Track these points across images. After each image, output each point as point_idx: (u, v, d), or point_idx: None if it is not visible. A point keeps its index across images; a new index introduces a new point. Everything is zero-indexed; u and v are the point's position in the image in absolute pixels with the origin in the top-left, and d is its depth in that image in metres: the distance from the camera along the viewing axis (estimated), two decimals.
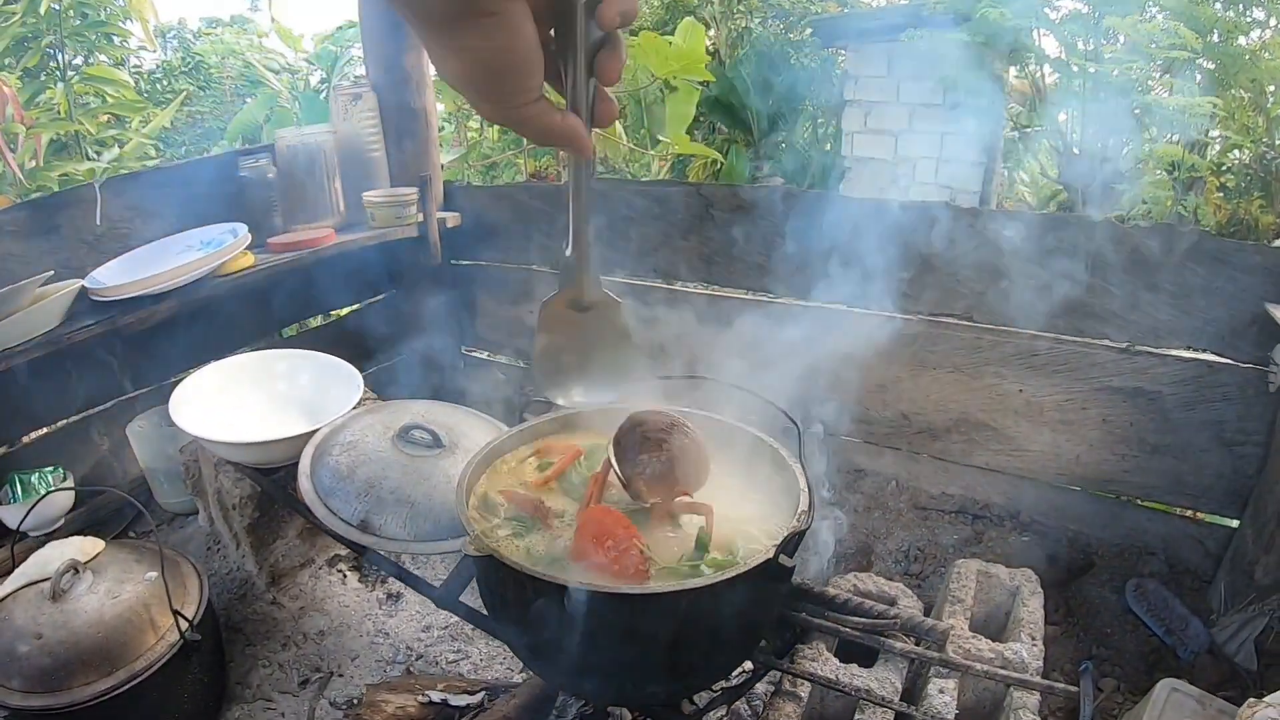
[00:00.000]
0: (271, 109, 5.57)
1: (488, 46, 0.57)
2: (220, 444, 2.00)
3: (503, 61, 0.59)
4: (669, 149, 6.09)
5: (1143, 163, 6.01)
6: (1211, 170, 6.03)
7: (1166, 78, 5.84)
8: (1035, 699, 1.43)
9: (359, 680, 1.97)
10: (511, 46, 0.58)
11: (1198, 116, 5.07)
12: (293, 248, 2.48)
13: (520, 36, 0.58)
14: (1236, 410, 1.99)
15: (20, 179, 3.54)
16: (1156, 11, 5.71)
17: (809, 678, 1.45)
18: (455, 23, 0.56)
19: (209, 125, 6.28)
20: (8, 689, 1.61)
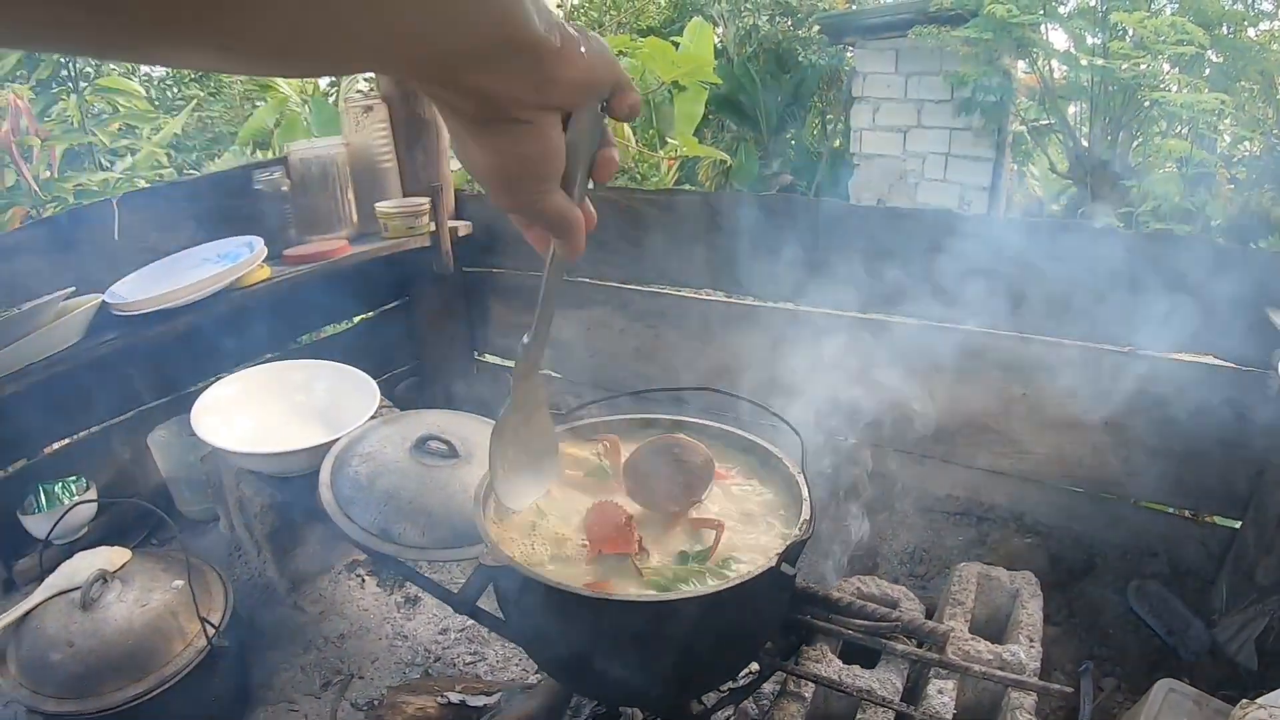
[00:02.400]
0: (281, 114, 5.64)
1: (517, 151, 0.61)
2: (241, 454, 2.08)
3: (530, 164, 0.63)
4: (677, 150, 6.15)
5: (1151, 157, 6.04)
6: (1221, 163, 6.05)
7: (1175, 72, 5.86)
8: (1032, 699, 1.49)
9: (379, 682, 2.04)
10: (540, 151, 0.62)
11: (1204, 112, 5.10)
12: (308, 259, 2.55)
13: (549, 142, 0.62)
14: (1237, 413, 2.03)
15: (35, 190, 3.63)
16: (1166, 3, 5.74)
17: (813, 679, 1.51)
18: (490, 125, 0.59)
19: (219, 131, 6.34)
20: (41, 695, 1.68)
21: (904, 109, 7.38)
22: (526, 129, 0.60)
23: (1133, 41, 5.61)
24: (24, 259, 2.33)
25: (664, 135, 6.45)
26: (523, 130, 0.60)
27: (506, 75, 0.55)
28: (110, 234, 2.47)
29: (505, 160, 0.62)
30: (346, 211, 2.78)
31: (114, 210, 2.47)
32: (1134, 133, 6.14)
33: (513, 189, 0.66)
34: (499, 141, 0.61)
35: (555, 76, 0.57)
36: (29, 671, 1.71)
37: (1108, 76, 5.67)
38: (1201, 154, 5.64)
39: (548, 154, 0.63)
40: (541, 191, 0.66)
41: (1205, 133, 5.87)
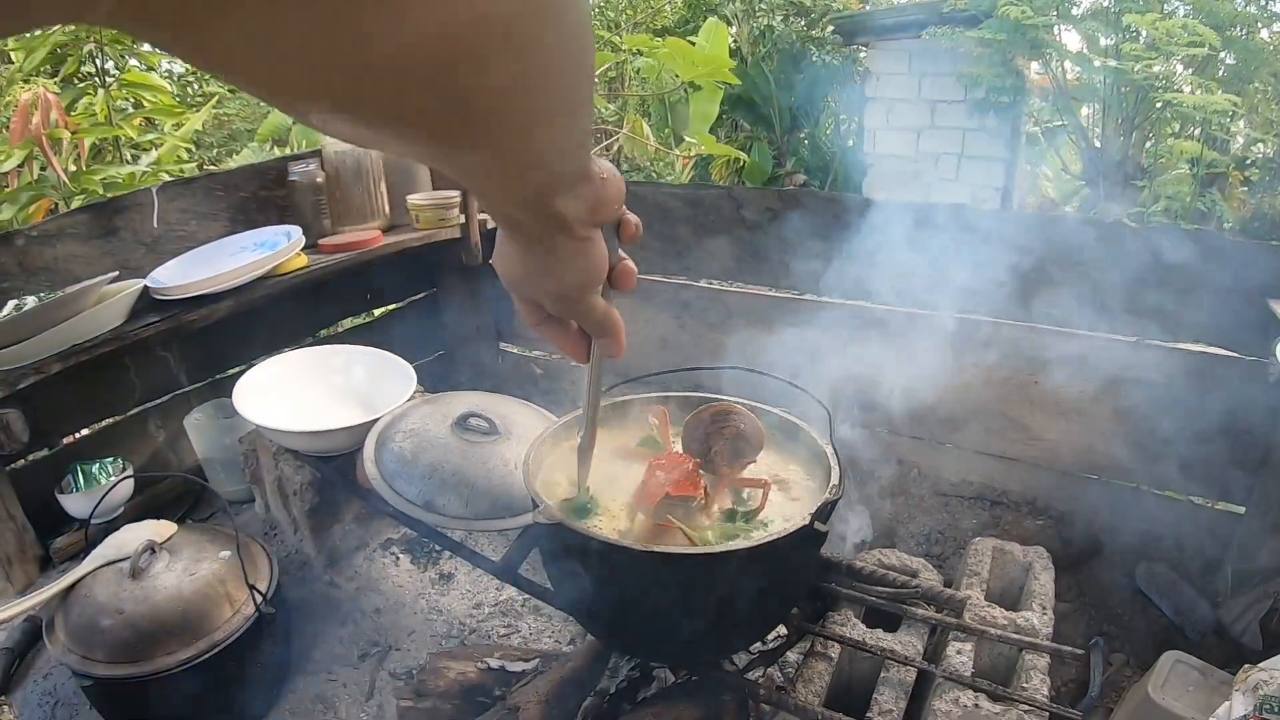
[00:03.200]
0: None
1: (577, 264, 0.70)
2: (283, 433, 2.18)
3: (586, 274, 0.71)
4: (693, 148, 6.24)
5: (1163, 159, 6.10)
6: (1234, 165, 6.11)
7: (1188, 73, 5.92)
8: (1045, 661, 1.60)
9: (416, 653, 2.15)
10: (596, 263, 0.71)
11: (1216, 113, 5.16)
12: (343, 249, 2.66)
13: (602, 251, 0.71)
14: (1241, 402, 2.11)
15: (65, 182, 3.73)
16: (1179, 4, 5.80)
17: (839, 640, 1.63)
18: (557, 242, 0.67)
19: (236, 128, 6.44)
20: (92, 660, 1.75)
21: (917, 109, 7.44)
22: (584, 244, 0.69)
23: (1145, 43, 5.68)
24: (66, 245, 2.42)
25: (679, 134, 6.55)
26: (581, 245, 0.68)
27: (577, 200, 0.64)
28: (150, 222, 2.57)
29: (566, 273, 0.70)
30: (379, 203, 2.89)
31: (154, 199, 2.57)
32: (1146, 134, 6.20)
33: (569, 297, 0.73)
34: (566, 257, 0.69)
35: (603, 197, 0.66)
36: (78, 637, 1.78)
37: (1120, 78, 5.73)
38: (1213, 155, 5.71)
39: (600, 264, 0.72)
40: (592, 297, 0.74)
41: (1218, 134, 5.94)
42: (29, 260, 2.37)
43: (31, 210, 3.79)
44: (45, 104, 3.63)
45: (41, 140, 3.60)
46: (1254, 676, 1.39)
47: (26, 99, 3.60)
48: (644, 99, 6.87)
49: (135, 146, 4.49)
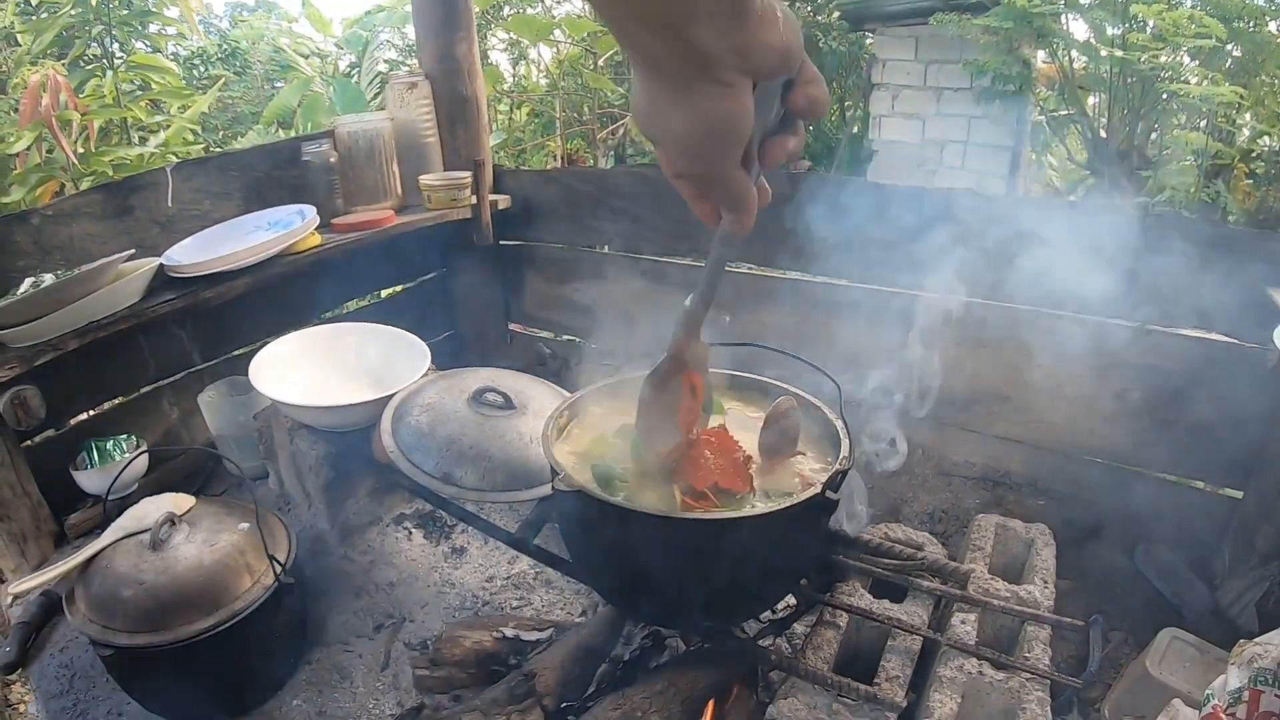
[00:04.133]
0: (304, 94, 5.78)
1: (715, 112, 0.63)
2: (300, 408, 2.23)
3: (724, 126, 0.64)
4: None
5: (1168, 149, 6.13)
6: (1240, 157, 6.14)
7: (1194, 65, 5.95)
8: (1046, 632, 1.66)
9: (429, 625, 2.21)
10: (735, 115, 0.64)
11: (1221, 104, 5.20)
12: (356, 228, 2.72)
13: (743, 106, 0.64)
14: (1241, 388, 2.15)
15: (74, 163, 3.78)
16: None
17: (847, 609, 1.69)
18: (691, 85, 0.61)
19: (240, 111, 6.48)
20: (113, 629, 1.78)
21: (923, 96, 7.46)
22: (726, 91, 0.62)
23: (1152, 33, 5.69)
24: (81, 224, 2.48)
25: None
26: (722, 92, 0.62)
27: (720, 31, 0.57)
28: (164, 201, 2.62)
29: (701, 122, 0.64)
30: (391, 183, 2.95)
31: (168, 178, 2.62)
32: (1152, 124, 6.23)
33: (702, 153, 0.67)
34: (698, 102, 0.62)
35: (757, 41, 0.59)
36: (99, 607, 1.81)
37: (1126, 68, 5.76)
38: (1218, 146, 5.75)
39: (740, 119, 0.64)
40: (728, 159, 0.68)
41: (1224, 126, 5.97)
42: (44, 239, 2.42)
43: (39, 191, 3.84)
44: (55, 85, 3.68)
45: (51, 122, 3.65)
46: (1249, 650, 1.44)
47: (36, 81, 3.65)
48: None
49: (143, 128, 4.54)
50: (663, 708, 1.59)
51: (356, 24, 6.95)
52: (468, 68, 3.12)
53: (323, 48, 7.25)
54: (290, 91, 5.85)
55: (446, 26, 3.04)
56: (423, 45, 3.16)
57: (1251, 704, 1.36)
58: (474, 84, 3.16)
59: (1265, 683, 1.37)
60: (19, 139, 3.70)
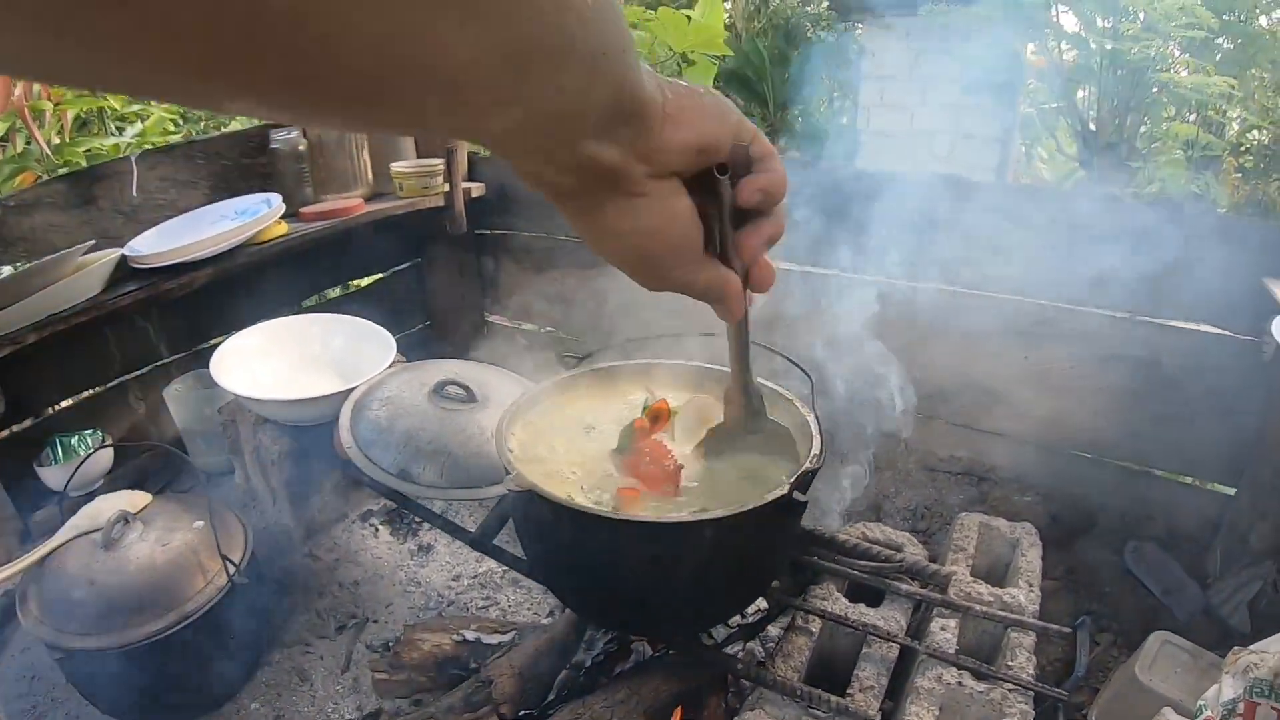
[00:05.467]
0: None
1: (640, 227, 0.55)
2: (261, 401, 2.15)
3: (658, 239, 0.57)
4: None
5: (1157, 142, 6.09)
6: (1229, 150, 6.10)
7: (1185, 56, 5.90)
8: (1031, 639, 1.56)
9: (393, 626, 2.11)
10: (663, 224, 0.56)
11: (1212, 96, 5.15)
12: (325, 217, 2.62)
13: (674, 214, 0.56)
14: (1233, 381, 2.10)
15: (48, 154, 3.67)
16: None
17: (820, 614, 1.59)
18: (605, 205, 0.54)
19: None
20: (64, 632, 1.72)
21: (912, 87, 7.39)
22: (644, 202, 0.54)
23: (1143, 25, 5.65)
24: (43, 214, 2.38)
25: None
26: (641, 204, 0.54)
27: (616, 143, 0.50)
28: (129, 191, 2.53)
29: (631, 240, 0.57)
30: (362, 171, 2.84)
31: (132, 168, 2.52)
32: (1143, 116, 6.19)
33: (651, 268, 0.60)
34: (620, 221, 0.55)
35: (665, 145, 0.52)
36: (51, 610, 1.76)
37: (1116, 59, 5.72)
38: (1208, 138, 5.71)
39: (671, 224, 0.57)
40: (679, 267, 0.60)
41: (1214, 118, 5.93)
42: (6, 230, 2.33)
43: (16, 183, 3.73)
44: None
45: (24, 112, 3.55)
46: (1244, 659, 1.36)
47: None
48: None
49: (120, 118, 4.43)
50: (624, 717, 1.49)
51: None
52: None
53: None
54: None
55: None
56: None
57: (1246, 716, 1.29)
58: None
59: (1262, 694, 1.30)
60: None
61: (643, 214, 0.54)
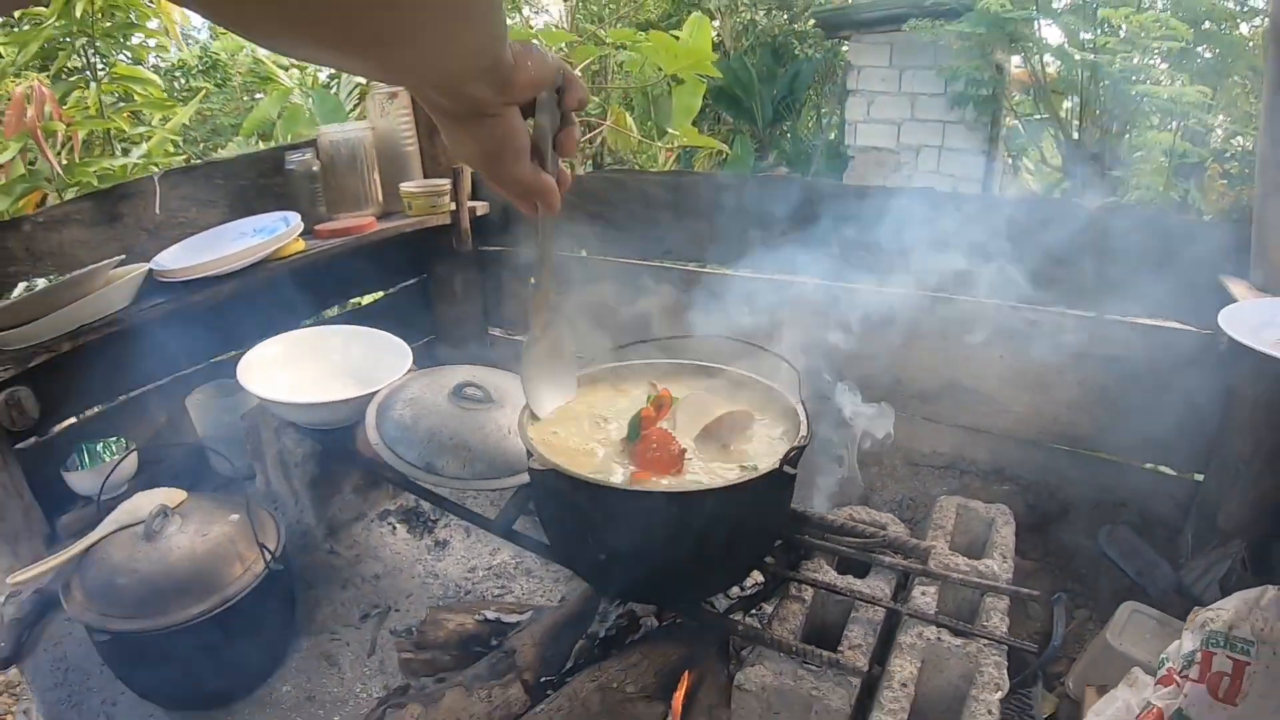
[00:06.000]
0: (284, 106, 5.85)
1: (491, 135, 0.83)
2: (287, 405, 2.32)
3: (501, 145, 0.84)
4: (675, 141, 6.40)
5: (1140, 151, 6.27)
6: (1213, 158, 6.28)
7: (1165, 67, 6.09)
8: (1005, 603, 1.76)
9: (414, 614, 2.30)
10: (507, 134, 0.84)
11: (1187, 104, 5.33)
12: (339, 234, 2.80)
13: (513, 128, 0.84)
14: (1196, 373, 2.25)
15: (59, 173, 3.85)
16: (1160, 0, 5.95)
17: (812, 583, 1.78)
18: (469, 120, 0.81)
19: (219, 123, 6.55)
20: (109, 616, 1.87)
21: (898, 102, 7.62)
22: (496, 120, 0.81)
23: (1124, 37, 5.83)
24: (71, 230, 2.54)
25: (661, 127, 6.71)
26: (493, 121, 0.81)
27: (487, 84, 0.76)
28: (152, 209, 2.70)
29: (485, 144, 0.84)
30: (373, 191, 3.04)
31: (155, 186, 2.70)
32: (1125, 126, 6.37)
33: (493, 165, 0.87)
34: (479, 131, 0.82)
35: (513, 82, 0.78)
36: (96, 595, 1.90)
37: (1098, 71, 5.90)
38: (1186, 145, 5.90)
39: (512, 135, 0.84)
40: (516, 164, 0.87)
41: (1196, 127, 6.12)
42: (35, 245, 2.48)
43: (23, 202, 3.90)
44: (39, 97, 3.74)
45: (36, 132, 3.71)
46: (1203, 616, 1.54)
47: (20, 92, 3.71)
48: (626, 92, 7.02)
49: (125, 139, 4.61)
50: (637, 679, 1.68)
51: None
52: None
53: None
54: (270, 103, 5.90)
55: None
56: None
57: (1204, 664, 1.47)
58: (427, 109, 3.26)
59: (1217, 644, 1.47)
60: (4, 149, 3.77)
61: (495, 128, 0.82)
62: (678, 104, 6.27)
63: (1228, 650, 1.47)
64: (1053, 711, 1.94)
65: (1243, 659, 1.45)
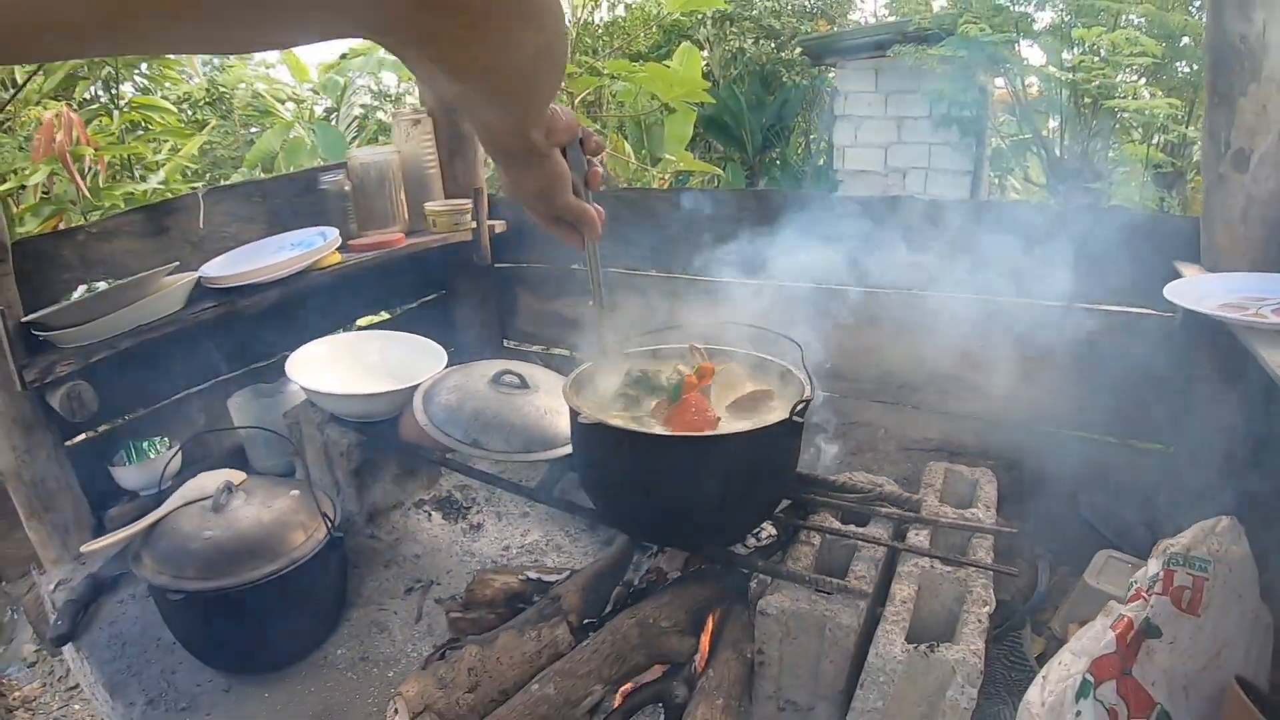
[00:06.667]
0: (285, 139, 6.13)
1: (543, 174, 1.02)
2: (334, 397, 2.62)
3: (552, 181, 1.04)
4: (671, 166, 6.73)
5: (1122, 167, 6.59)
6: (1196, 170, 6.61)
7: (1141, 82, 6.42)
8: (989, 542, 2.07)
9: (455, 586, 2.58)
10: (555, 172, 1.03)
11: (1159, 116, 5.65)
12: (372, 248, 3.11)
13: (560, 165, 1.03)
14: (1161, 352, 2.51)
15: (86, 196, 4.14)
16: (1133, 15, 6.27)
17: (819, 529, 2.10)
18: (530, 161, 0.99)
19: (219, 155, 6.83)
20: (183, 577, 2.10)
21: (884, 126, 7.95)
22: (545, 159, 1.00)
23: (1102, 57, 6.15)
24: (122, 241, 2.82)
25: (655, 155, 7.06)
26: (545, 161, 1.00)
27: (539, 133, 0.94)
28: (196, 223, 3.00)
29: (540, 181, 1.03)
30: (399, 209, 3.37)
31: (200, 203, 3.00)
32: (1107, 140, 6.67)
33: (546, 199, 1.07)
34: (537, 170, 1.01)
35: (555, 130, 0.98)
36: (168, 560, 2.13)
37: (1077, 89, 6.23)
38: (1160, 156, 6.24)
39: (561, 173, 1.04)
40: (563, 195, 1.07)
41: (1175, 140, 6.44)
42: (88, 254, 2.75)
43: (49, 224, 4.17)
44: (68, 122, 4.03)
45: (65, 157, 3.99)
46: (1164, 543, 1.80)
47: (50, 118, 4.00)
48: (621, 121, 7.36)
49: (142, 165, 4.92)
50: (670, 615, 1.98)
51: (332, 69, 7.33)
52: None
53: (298, 93, 7.60)
54: (273, 135, 6.17)
55: None
56: None
57: (1166, 580, 1.72)
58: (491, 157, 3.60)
59: (1177, 564, 1.74)
60: (34, 172, 4.05)
61: (546, 167, 1.01)
62: (670, 132, 6.60)
63: (1187, 568, 1.73)
64: (1041, 651, 2.23)
65: (1201, 575, 1.72)
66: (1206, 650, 1.71)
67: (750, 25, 9.26)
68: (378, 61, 7.11)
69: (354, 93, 7.32)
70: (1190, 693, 1.68)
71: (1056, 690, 1.60)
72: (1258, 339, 1.73)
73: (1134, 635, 1.64)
